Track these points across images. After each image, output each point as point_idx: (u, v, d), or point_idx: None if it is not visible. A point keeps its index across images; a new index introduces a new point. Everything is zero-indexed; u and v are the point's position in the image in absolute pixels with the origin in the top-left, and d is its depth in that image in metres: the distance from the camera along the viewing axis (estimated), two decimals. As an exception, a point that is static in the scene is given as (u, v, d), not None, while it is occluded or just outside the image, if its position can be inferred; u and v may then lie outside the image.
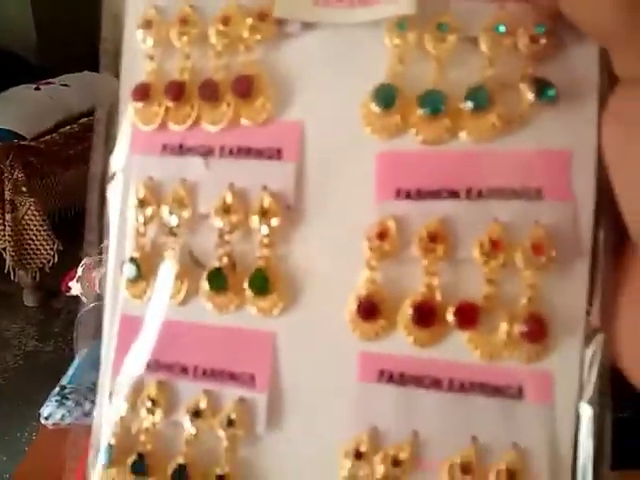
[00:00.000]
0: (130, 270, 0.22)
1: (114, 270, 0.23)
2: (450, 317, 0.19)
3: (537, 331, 0.19)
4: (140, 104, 0.21)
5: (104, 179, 0.23)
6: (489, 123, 0.19)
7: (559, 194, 0.19)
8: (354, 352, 0.21)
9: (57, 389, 0.24)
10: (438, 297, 0.20)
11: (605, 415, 0.19)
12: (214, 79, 0.21)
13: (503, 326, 0.19)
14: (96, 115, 0.24)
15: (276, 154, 0.21)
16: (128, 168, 0.22)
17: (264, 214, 0.21)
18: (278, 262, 0.21)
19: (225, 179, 0.21)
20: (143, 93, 0.21)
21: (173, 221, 0.22)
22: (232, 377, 0.22)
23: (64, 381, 0.24)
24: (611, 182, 0.18)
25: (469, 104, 0.19)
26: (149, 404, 0.22)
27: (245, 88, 0.21)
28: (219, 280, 0.21)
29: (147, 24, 0.21)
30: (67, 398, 0.24)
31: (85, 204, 0.24)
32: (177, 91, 0.21)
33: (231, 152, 0.21)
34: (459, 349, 0.20)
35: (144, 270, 0.22)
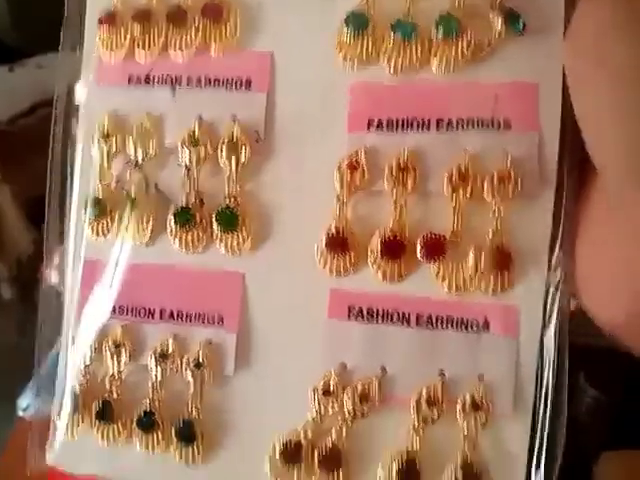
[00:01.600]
0: (93, 208, 0.26)
1: (77, 211, 0.27)
2: (418, 250, 0.24)
3: (502, 262, 0.24)
4: (106, 32, 0.26)
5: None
6: (459, 51, 0.24)
7: (526, 125, 0.24)
8: (324, 289, 0.25)
9: (34, 380, 0.28)
10: (406, 231, 0.24)
11: (565, 346, 0.24)
12: (182, 5, 0.25)
13: (470, 258, 0.24)
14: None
15: (245, 84, 0.25)
16: (92, 100, 0.27)
17: (233, 147, 0.25)
18: (247, 197, 0.26)
19: (193, 110, 0.26)
20: (110, 19, 0.26)
21: (138, 155, 0.26)
22: (200, 319, 0.26)
23: (42, 371, 0.28)
24: (573, 106, 0.22)
25: (439, 31, 0.24)
26: (114, 349, 0.27)
27: (215, 11, 0.25)
28: (186, 217, 0.26)
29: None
30: (44, 389, 0.28)
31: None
32: (144, 15, 0.25)
33: (199, 82, 0.26)
34: (427, 283, 0.25)
35: (108, 208, 0.27)
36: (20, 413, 0.67)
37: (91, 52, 0.27)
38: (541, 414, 0.24)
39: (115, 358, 0.27)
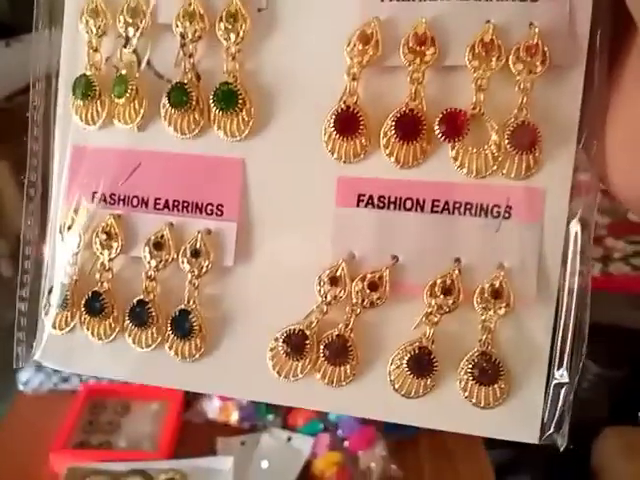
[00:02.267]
0: (81, 89, 0.24)
1: (64, 93, 0.25)
2: (437, 127, 0.22)
3: (529, 141, 0.22)
4: None
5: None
6: None
7: (556, -7, 0.22)
8: (332, 176, 0.23)
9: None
10: (424, 107, 0.22)
11: (590, 231, 0.22)
12: None
13: (493, 137, 0.22)
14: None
15: (247, -50, 0.23)
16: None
17: (233, 20, 0.23)
18: (247, 75, 0.23)
19: (189, -19, 0.23)
20: None
21: (129, 32, 0.23)
22: (197, 208, 0.24)
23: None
24: None
25: None
26: (104, 238, 0.24)
27: None
28: (181, 96, 0.23)
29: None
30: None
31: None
32: None
33: None
34: (444, 167, 0.22)
35: (97, 90, 0.24)
36: (20, 387, 0.66)
37: None
38: (565, 303, 0.23)
39: (106, 249, 0.25)
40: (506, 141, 0.22)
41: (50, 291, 0.25)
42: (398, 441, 0.68)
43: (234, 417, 0.64)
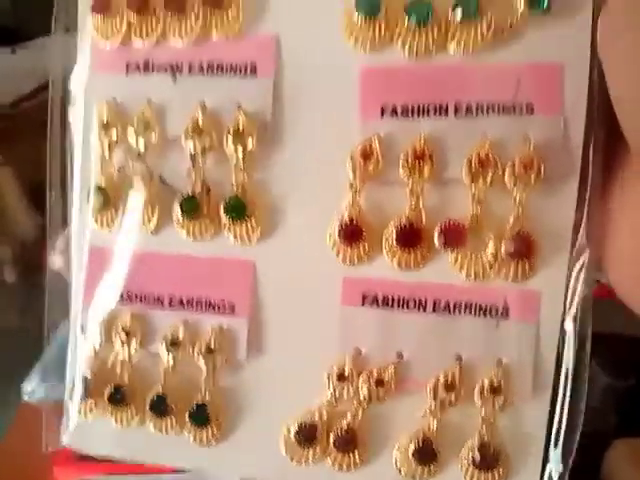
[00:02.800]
0: (97, 199, 0.25)
1: (80, 199, 0.26)
2: (436, 238, 0.23)
3: (524, 250, 0.22)
4: (100, 17, 0.23)
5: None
6: (478, 33, 0.22)
7: (550, 108, 0.22)
8: (337, 277, 0.24)
9: (39, 364, 0.27)
10: (423, 218, 0.23)
11: (587, 331, 0.23)
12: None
13: (490, 246, 0.23)
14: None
15: (251, 70, 0.23)
16: (90, 89, 0.24)
17: (239, 135, 0.23)
18: (255, 186, 0.24)
19: (195, 98, 0.23)
20: (103, 5, 0.23)
21: (140, 145, 0.24)
22: (211, 306, 0.25)
23: (47, 356, 0.27)
24: (609, 88, 0.20)
25: (458, 13, 0.21)
26: (124, 336, 0.26)
27: (215, -3, 0.23)
28: (193, 206, 0.24)
29: None
30: (50, 374, 0.27)
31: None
32: (140, 2, 0.23)
33: (201, 68, 0.24)
34: (445, 270, 0.23)
35: (112, 198, 0.25)
36: (25, 397, 0.67)
37: (85, 37, 0.24)
38: (560, 398, 0.23)
39: (125, 345, 0.26)
40: (502, 250, 0.23)
41: (74, 382, 0.27)
42: None
43: None
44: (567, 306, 0.23)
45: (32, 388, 0.68)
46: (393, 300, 0.24)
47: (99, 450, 0.27)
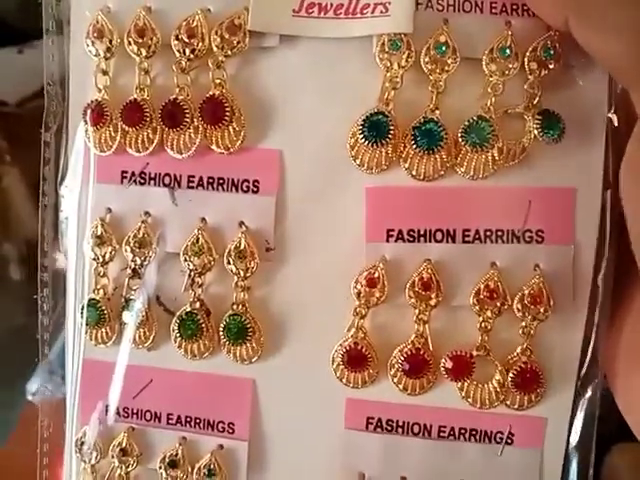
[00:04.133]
0: (91, 314, 0.23)
1: (74, 311, 0.24)
2: (443, 368, 0.22)
3: (531, 382, 0.21)
4: (92, 130, 0.22)
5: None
6: (489, 158, 0.21)
7: (561, 237, 0.21)
8: (340, 399, 0.23)
9: (44, 363, 0.26)
10: (430, 346, 0.22)
11: (590, 455, 0.22)
12: (178, 99, 0.21)
13: (496, 376, 0.22)
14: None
15: (252, 186, 0.22)
16: (83, 199, 0.23)
17: (241, 254, 0.22)
18: (257, 304, 0.22)
19: (195, 214, 0.22)
20: (97, 115, 0.21)
21: (137, 261, 0.23)
22: (209, 425, 0.24)
23: (51, 355, 0.26)
24: (629, 227, 0.19)
25: (469, 139, 0.20)
26: (120, 454, 0.24)
27: (215, 112, 0.21)
28: (191, 327, 0.22)
29: (97, 32, 0.21)
30: (55, 373, 0.26)
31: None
32: (135, 115, 0.21)
33: (201, 183, 0.22)
34: (450, 397, 0.22)
35: (106, 314, 0.23)
36: (29, 397, 0.66)
37: (77, 145, 0.23)
38: None
39: (123, 464, 0.25)
40: (509, 381, 0.21)
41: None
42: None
43: None
44: (572, 432, 0.22)
45: (36, 388, 0.66)
46: (397, 424, 0.23)
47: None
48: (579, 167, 0.21)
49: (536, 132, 0.20)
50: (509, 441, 0.22)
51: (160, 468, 0.24)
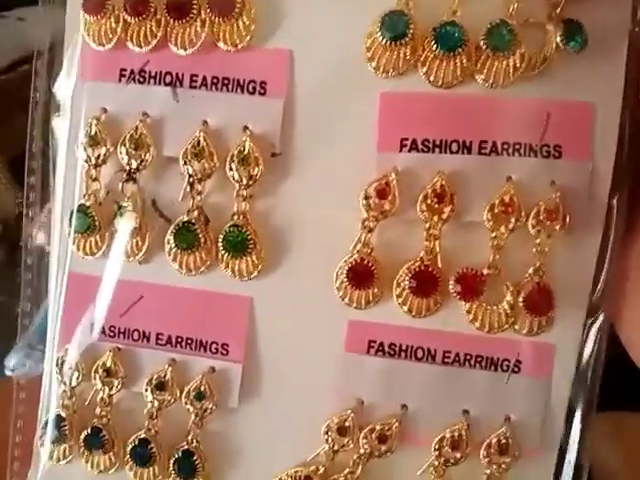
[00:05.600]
0: (80, 221, 0.21)
1: (61, 220, 0.22)
2: (452, 286, 0.20)
3: (543, 303, 0.20)
4: (92, 18, 0.20)
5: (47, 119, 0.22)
6: (510, 65, 0.19)
7: (578, 152, 0.20)
8: (342, 320, 0.21)
9: (23, 339, 0.24)
10: (439, 263, 0.20)
11: (596, 382, 0.21)
12: (186, -9, 0.19)
13: (507, 296, 0.20)
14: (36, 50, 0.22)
15: (260, 88, 0.20)
16: (77, 97, 0.21)
17: (244, 160, 0.20)
18: (258, 216, 0.21)
19: (197, 115, 0.20)
20: (97, 4, 0.20)
21: (132, 164, 0.21)
22: (202, 346, 0.22)
23: (30, 330, 0.24)
24: None
25: (490, 43, 0.19)
26: (104, 375, 0.22)
27: (225, 3, 0.19)
28: (188, 237, 0.21)
29: None
30: (34, 348, 0.24)
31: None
32: (139, 5, 0.19)
33: (205, 82, 0.20)
34: (457, 320, 0.21)
35: (97, 222, 0.21)
36: (7, 373, 0.63)
37: (74, 39, 0.21)
38: (568, 451, 0.21)
39: (106, 385, 0.23)
40: (520, 302, 0.20)
41: (46, 423, 0.23)
42: None
43: None
44: (580, 358, 0.21)
45: (14, 363, 0.63)
46: (401, 349, 0.21)
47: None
48: (599, 82, 0.20)
49: (558, 39, 0.19)
50: (516, 369, 0.21)
51: (146, 391, 0.22)
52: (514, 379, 0.21)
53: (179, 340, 0.22)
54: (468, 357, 0.21)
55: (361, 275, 0.20)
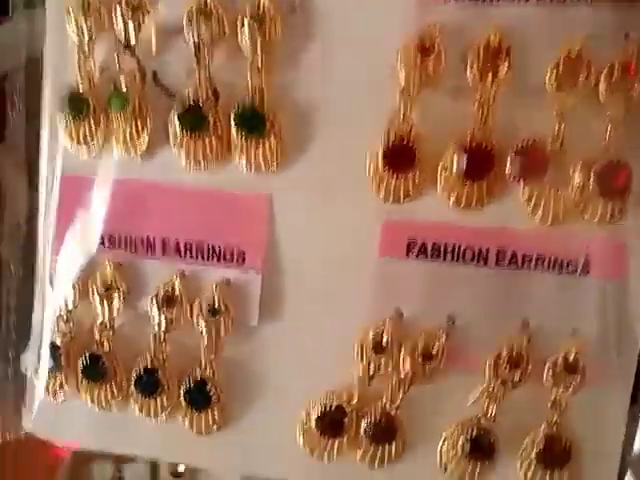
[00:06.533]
0: (72, 106, 0.18)
1: (50, 114, 0.19)
2: (509, 165, 0.16)
3: (620, 183, 0.16)
4: None
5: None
6: None
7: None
8: (376, 219, 0.18)
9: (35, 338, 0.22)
10: (493, 139, 0.17)
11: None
12: None
13: (576, 177, 0.16)
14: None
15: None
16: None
17: (258, 21, 0.17)
18: (276, 91, 0.17)
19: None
20: None
21: (130, 33, 0.17)
22: (215, 254, 0.19)
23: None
24: None
25: None
26: (103, 291, 0.19)
27: None
28: (195, 118, 0.17)
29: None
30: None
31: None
32: None
33: None
34: (513, 211, 0.17)
35: (91, 105, 0.18)
36: (23, 370, 0.62)
37: None
38: None
39: (105, 303, 0.19)
40: (592, 183, 0.16)
41: (40, 350, 0.20)
42: None
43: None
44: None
45: (29, 361, 0.63)
46: (446, 250, 0.18)
47: (70, 438, 0.21)
48: None
49: None
50: (585, 271, 0.17)
51: (152, 308, 0.19)
52: (583, 283, 0.17)
53: (188, 248, 0.19)
54: (527, 258, 0.17)
55: (399, 156, 0.17)
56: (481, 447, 0.18)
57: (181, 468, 0.43)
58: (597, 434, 0.18)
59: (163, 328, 0.19)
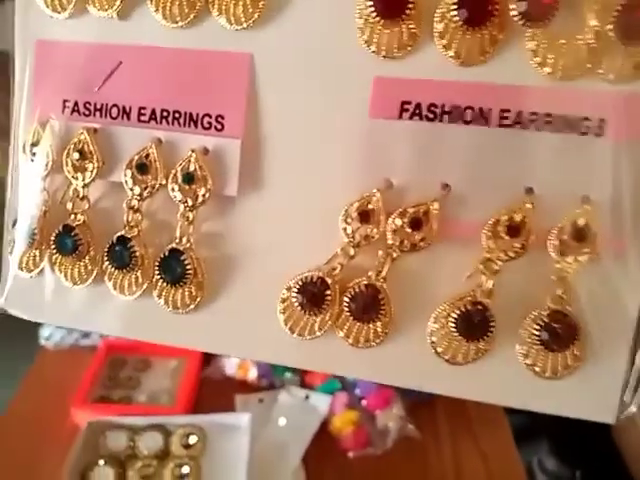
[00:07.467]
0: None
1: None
2: (512, 6, 0.14)
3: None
4: None
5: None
6: None
7: None
8: (366, 77, 0.16)
9: None
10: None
11: None
12: None
13: (591, 22, 0.14)
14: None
15: None
16: None
17: None
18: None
19: None
20: None
21: None
22: (192, 120, 0.17)
23: None
24: None
25: None
26: (77, 157, 0.18)
27: None
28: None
29: None
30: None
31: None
32: None
33: None
34: (519, 64, 0.15)
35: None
36: (41, 342, 0.62)
37: None
38: None
39: (80, 172, 0.18)
40: (609, 27, 0.14)
41: (14, 224, 0.19)
42: (415, 402, 0.62)
43: (252, 374, 0.58)
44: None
45: (49, 333, 0.63)
46: (444, 110, 0.16)
47: (44, 316, 0.19)
48: None
49: None
50: (598, 131, 0.15)
51: (126, 175, 0.17)
52: (596, 144, 0.15)
53: (165, 115, 0.17)
54: (534, 117, 0.15)
55: (393, 2, 0.15)
56: (475, 325, 0.16)
57: (192, 440, 0.43)
58: (608, 312, 0.16)
59: (137, 196, 0.17)
